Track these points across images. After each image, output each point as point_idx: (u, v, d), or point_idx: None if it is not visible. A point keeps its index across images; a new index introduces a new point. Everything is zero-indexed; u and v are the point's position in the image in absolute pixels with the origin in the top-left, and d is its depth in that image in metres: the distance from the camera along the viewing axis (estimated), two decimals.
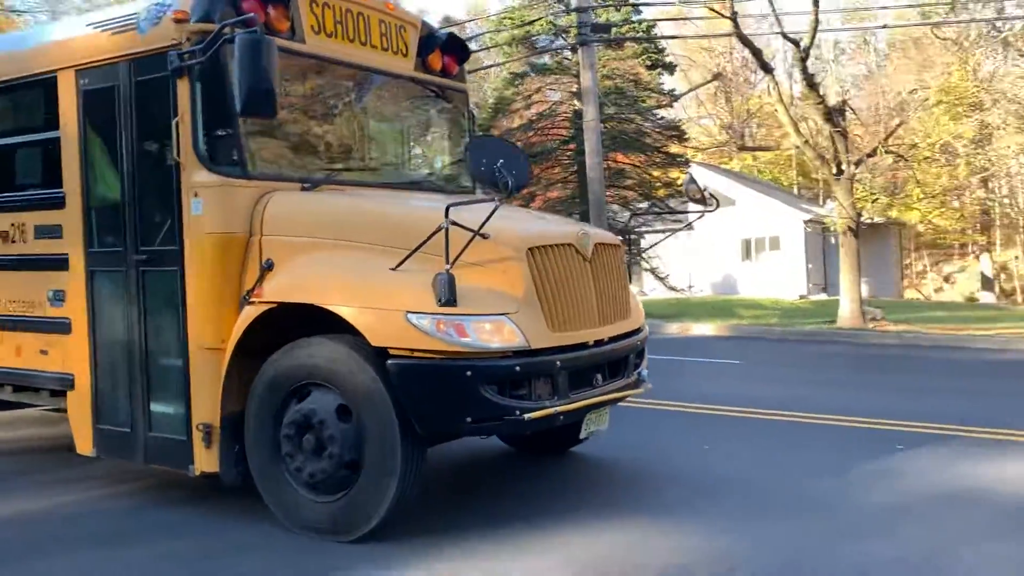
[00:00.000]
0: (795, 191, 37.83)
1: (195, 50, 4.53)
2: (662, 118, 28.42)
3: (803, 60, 16.28)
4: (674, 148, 28.99)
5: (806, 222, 29.80)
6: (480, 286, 4.21)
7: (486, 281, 4.24)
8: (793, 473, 5.72)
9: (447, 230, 4.00)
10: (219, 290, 4.58)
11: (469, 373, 4.04)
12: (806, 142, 17.60)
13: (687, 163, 30.31)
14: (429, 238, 4.08)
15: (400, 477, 4.15)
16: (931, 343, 14.51)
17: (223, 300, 4.58)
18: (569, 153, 25.49)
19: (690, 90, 33.78)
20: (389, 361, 4.11)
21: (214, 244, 4.58)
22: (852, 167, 17.02)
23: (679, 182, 30.52)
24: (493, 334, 4.11)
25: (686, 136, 30.47)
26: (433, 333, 4.03)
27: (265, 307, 4.46)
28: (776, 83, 17.75)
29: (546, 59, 27.35)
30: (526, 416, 4.15)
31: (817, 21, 15.62)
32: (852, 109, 21.94)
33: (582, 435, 4.88)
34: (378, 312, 4.16)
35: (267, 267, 4.52)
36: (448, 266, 4.00)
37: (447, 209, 4.00)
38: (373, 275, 4.29)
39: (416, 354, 4.08)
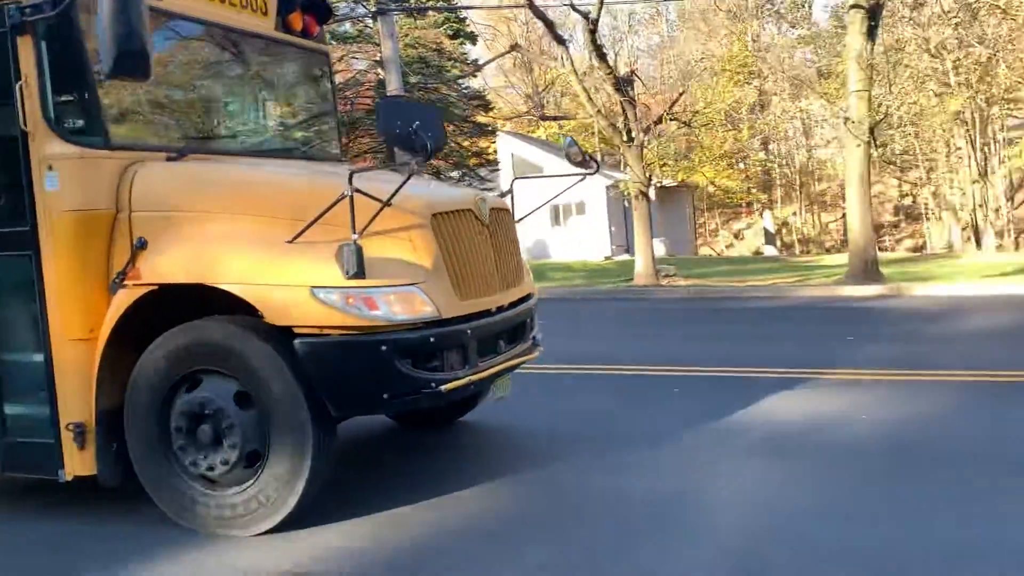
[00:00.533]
0: (600, 157, 39.49)
1: (41, 3, 4.01)
2: (467, 88, 28.89)
3: (592, 32, 16.99)
4: (481, 118, 29.50)
5: (608, 187, 31.26)
6: (385, 256, 4.03)
7: (391, 250, 4.07)
8: (573, 420, 6.11)
9: (352, 198, 3.78)
10: (84, 274, 4.12)
11: (384, 348, 3.88)
12: (598, 111, 18.44)
13: (494, 132, 30.96)
14: (331, 207, 3.84)
15: (312, 463, 3.92)
16: (715, 295, 15.80)
17: (89, 285, 4.13)
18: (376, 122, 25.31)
19: (490, 60, 34.29)
20: (297, 341, 3.87)
21: (75, 223, 4.11)
22: (641, 134, 18.06)
23: (490, 151, 31.13)
24: (404, 305, 3.96)
25: (492, 106, 31.14)
26: (343, 308, 3.82)
27: (143, 290, 4.07)
28: (569, 55, 18.43)
29: (347, 27, 26.93)
30: (442, 388, 4.04)
31: None
32: (640, 79, 23.17)
33: (493, 399, 4.86)
34: (279, 288, 3.89)
35: (140, 246, 4.11)
36: (355, 236, 3.79)
37: (351, 176, 3.81)
38: (270, 249, 3.99)
39: (325, 331, 3.88)
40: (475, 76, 31.27)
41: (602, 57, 17.57)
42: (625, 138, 17.74)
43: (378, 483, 4.87)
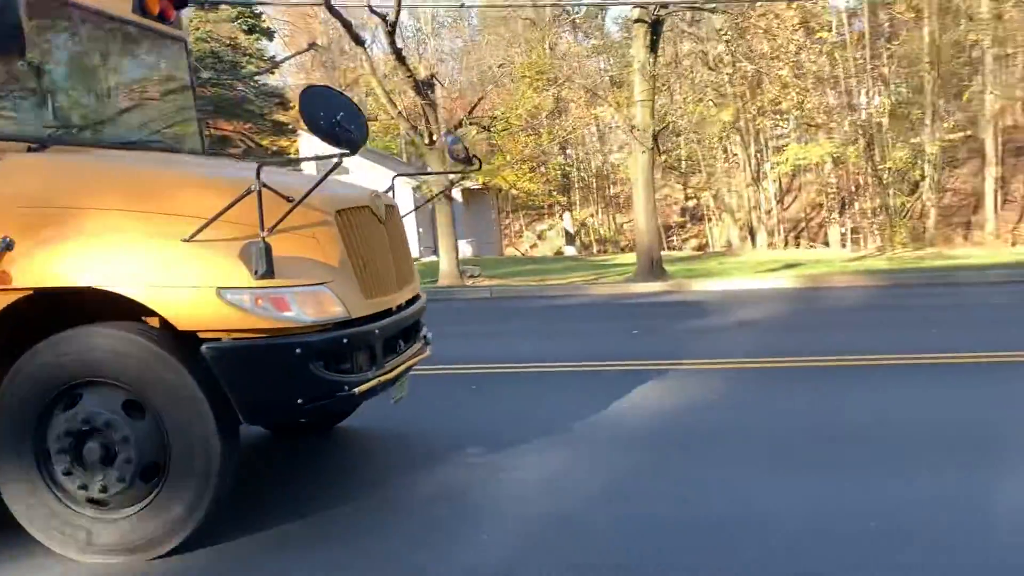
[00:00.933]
0: (405, 159, 39.53)
1: None
2: (264, 85, 28.01)
3: (390, 34, 17.00)
4: (281, 116, 28.73)
5: (414, 188, 31.37)
6: (291, 254, 3.81)
7: (296, 248, 3.85)
8: (409, 423, 6.05)
9: (260, 193, 3.55)
10: None
11: (298, 350, 3.68)
12: (400, 113, 18.49)
13: (295, 131, 30.20)
14: (236, 202, 3.59)
15: (218, 477, 3.66)
16: (516, 294, 16.36)
17: None
18: None
19: (288, 57, 33.44)
20: (204, 346, 3.61)
21: None
22: (442, 137, 18.29)
23: (291, 150, 30.33)
24: (315, 306, 3.78)
25: (292, 104, 30.35)
26: (252, 309, 3.58)
27: (13, 296, 3.64)
28: (368, 56, 18.34)
29: None
30: (355, 390, 3.92)
31: None
32: (441, 82, 23.45)
33: (392, 400, 4.68)
34: (183, 291, 3.59)
35: (6, 247, 3.69)
36: (264, 233, 3.56)
37: (258, 170, 3.58)
38: (168, 248, 3.66)
39: (233, 335, 3.64)
40: (273, 73, 30.38)
41: (401, 60, 17.61)
42: (427, 141, 17.90)
43: (256, 497, 4.68)
